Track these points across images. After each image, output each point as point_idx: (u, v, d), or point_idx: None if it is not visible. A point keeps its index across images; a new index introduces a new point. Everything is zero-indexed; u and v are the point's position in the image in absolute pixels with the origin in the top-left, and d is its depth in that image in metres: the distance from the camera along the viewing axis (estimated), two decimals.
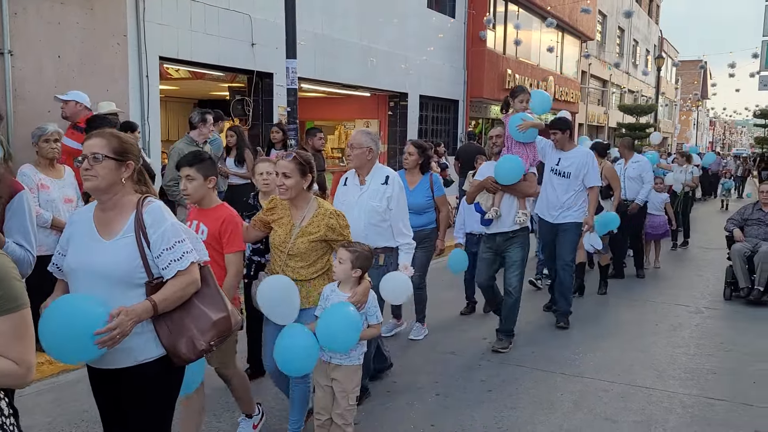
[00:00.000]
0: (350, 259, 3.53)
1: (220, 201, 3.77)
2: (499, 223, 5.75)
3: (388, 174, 4.50)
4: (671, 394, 4.95)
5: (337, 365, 3.60)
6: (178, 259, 2.52)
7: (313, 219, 3.66)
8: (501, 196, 5.73)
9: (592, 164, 6.52)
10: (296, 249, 3.63)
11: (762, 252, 7.72)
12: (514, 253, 5.78)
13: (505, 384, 5.12)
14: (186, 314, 2.56)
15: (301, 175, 3.60)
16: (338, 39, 13.15)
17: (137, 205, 2.56)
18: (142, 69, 9.04)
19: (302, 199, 3.70)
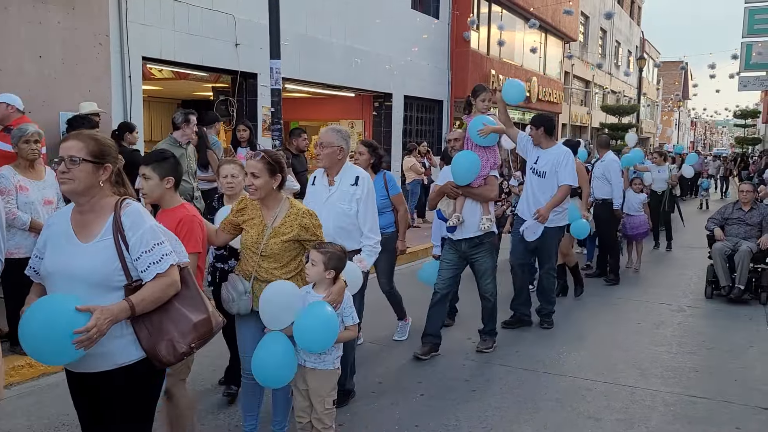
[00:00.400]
0: (323, 261, 3.48)
1: (181, 201, 3.64)
2: (463, 229, 5.53)
3: (358, 174, 4.37)
4: (654, 393, 5.00)
5: (311, 369, 3.55)
6: (157, 262, 2.51)
7: (285, 219, 3.59)
8: (462, 201, 5.51)
9: (566, 162, 6.30)
10: (269, 250, 3.57)
11: (742, 251, 7.81)
12: (482, 261, 5.63)
13: (489, 383, 5.14)
14: (166, 317, 2.54)
15: (270, 174, 3.52)
16: (322, 39, 13.14)
17: (115, 208, 2.54)
18: (125, 69, 9.00)
19: (273, 199, 3.63)
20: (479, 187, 5.50)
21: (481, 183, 5.49)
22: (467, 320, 6.88)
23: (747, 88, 28.86)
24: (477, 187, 5.48)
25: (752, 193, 8.30)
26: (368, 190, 4.35)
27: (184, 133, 6.27)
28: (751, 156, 31.49)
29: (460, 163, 5.40)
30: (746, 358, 5.87)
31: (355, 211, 4.29)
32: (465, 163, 5.39)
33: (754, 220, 8.12)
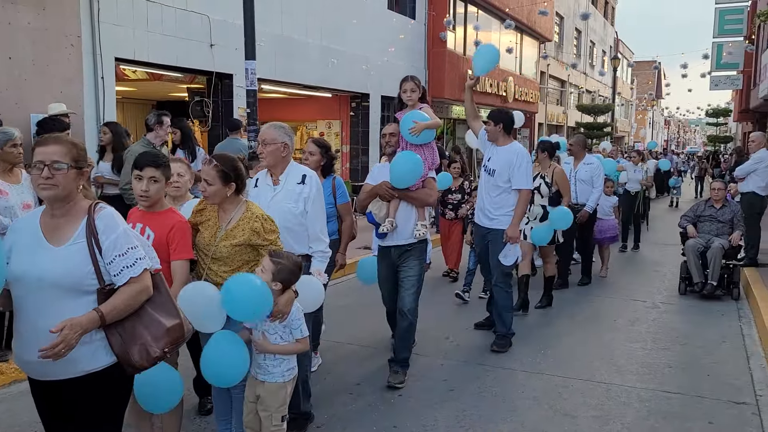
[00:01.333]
0: (272, 270, 3.33)
1: (169, 205, 3.64)
2: (395, 236, 4.98)
3: (305, 173, 4.12)
4: (629, 389, 5.05)
5: (261, 382, 3.47)
6: (131, 266, 2.49)
7: (239, 222, 3.51)
8: (397, 204, 4.95)
9: (521, 164, 5.73)
10: (219, 252, 3.49)
11: (714, 247, 7.93)
12: (408, 267, 5.03)
13: (467, 383, 5.16)
14: (138, 321, 2.53)
15: (223, 182, 3.46)
16: (298, 40, 13.10)
17: (89, 211, 2.52)
18: (97, 70, 8.91)
19: (230, 203, 3.57)
20: (417, 191, 4.94)
21: (419, 185, 4.94)
22: (445, 320, 6.92)
23: (718, 87, 29.40)
24: (415, 190, 4.93)
25: (724, 190, 8.43)
26: (316, 190, 4.11)
27: (157, 134, 6.20)
28: (723, 154, 31.96)
29: (402, 165, 4.81)
30: (719, 354, 5.96)
31: (301, 211, 4.03)
32: (407, 164, 4.81)
33: (725, 218, 8.24)
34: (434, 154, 5.06)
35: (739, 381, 5.27)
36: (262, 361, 3.46)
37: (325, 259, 4.17)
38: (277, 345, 3.45)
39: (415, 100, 4.98)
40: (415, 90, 4.96)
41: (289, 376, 3.51)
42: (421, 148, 4.96)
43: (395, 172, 4.80)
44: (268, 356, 3.45)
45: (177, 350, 2.70)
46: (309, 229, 4.09)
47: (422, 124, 4.82)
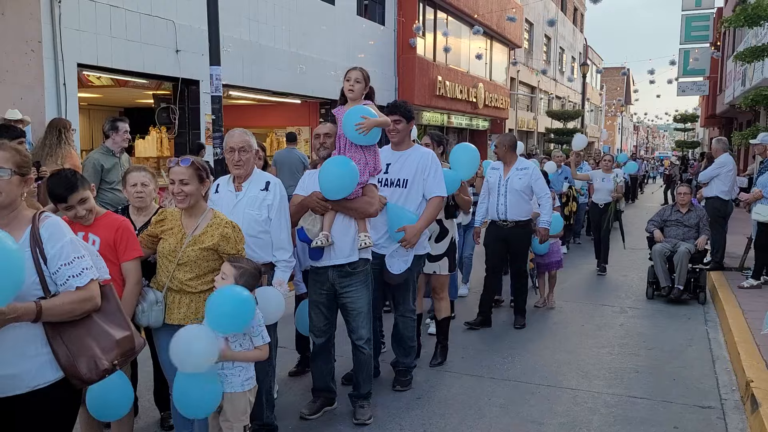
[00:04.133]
0: (234, 275, 3.32)
1: (105, 209, 3.58)
2: (332, 254, 4.26)
3: (268, 180, 4.00)
4: (596, 395, 5.04)
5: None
6: (77, 275, 2.42)
7: (207, 228, 3.48)
8: (332, 217, 4.25)
9: (436, 167, 4.88)
10: (186, 257, 3.43)
11: (681, 252, 8.00)
12: (355, 299, 4.36)
13: (434, 390, 5.10)
14: (86, 333, 2.45)
15: (199, 181, 3.44)
16: (266, 46, 13.01)
17: (33, 220, 2.43)
18: (59, 76, 8.73)
19: (198, 208, 3.52)
20: (355, 200, 4.25)
21: (358, 193, 4.26)
22: None
23: (685, 93, 29.92)
24: (352, 200, 4.24)
25: (689, 195, 8.52)
26: (281, 197, 3.98)
27: (114, 141, 6.04)
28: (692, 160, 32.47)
29: (332, 173, 4.12)
30: (685, 358, 5.99)
31: (265, 218, 3.91)
32: (339, 172, 4.11)
33: (691, 222, 8.33)
34: (377, 157, 4.39)
35: (705, 385, 5.30)
36: (221, 370, 3.39)
37: (288, 269, 4.06)
38: (238, 352, 3.38)
39: (359, 95, 4.32)
40: (360, 81, 4.31)
41: (249, 386, 3.44)
42: (362, 150, 4.26)
43: (325, 181, 4.12)
44: (226, 365, 3.38)
45: (128, 362, 2.60)
46: (273, 237, 3.97)
47: (372, 120, 4.15)
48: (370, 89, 4.42)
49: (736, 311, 7.04)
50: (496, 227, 6.78)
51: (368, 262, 4.46)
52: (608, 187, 10.27)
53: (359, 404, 4.56)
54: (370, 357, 4.56)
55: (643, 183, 27.81)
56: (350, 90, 4.32)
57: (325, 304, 4.45)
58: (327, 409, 4.65)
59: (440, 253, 5.45)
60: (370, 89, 4.42)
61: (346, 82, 4.35)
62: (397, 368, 5.21)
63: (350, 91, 4.32)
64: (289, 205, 4.20)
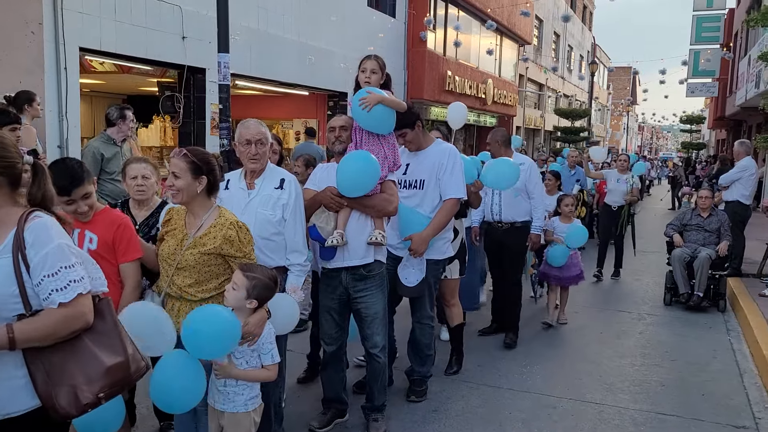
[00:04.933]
0: (246, 287, 2.97)
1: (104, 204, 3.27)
2: (345, 254, 3.97)
3: (283, 177, 3.67)
4: (622, 410, 4.75)
5: (221, 411, 3.09)
6: (61, 289, 2.03)
7: (210, 229, 3.10)
8: (347, 214, 3.94)
9: (456, 165, 4.51)
10: (185, 261, 3.08)
11: (701, 257, 7.70)
12: (370, 304, 4.06)
13: (450, 401, 4.81)
14: (71, 357, 2.07)
15: (193, 175, 3.06)
16: (275, 35, 12.68)
17: (19, 221, 2.06)
18: (60, 60, 8.39)
19: (200, 206, 3.16)
20: (373, 197, 3.94)
21: (376, 189, 3.95)
22: None
23: (695, 95, 29.59)
24: (370, 196, 3.93)
25: (711, 199, 8.21)
26: (296, 196, 3.66)
27: (120, 129, 5.75)
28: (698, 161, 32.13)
29: (351, 168, 3.80)
30: (711, 371, 5.70)
31: (279, 219, 3.58)
32: (358, 167, 3.79)
33: (712, 227, 8.02)
34: (396, 152, 4.10)
35: (735, 401, 5.01)
36: (223, 387, 3.07)
37: (303, 273, 3.72)
38: (243, 370, 3.06)
39: (375, 85, 4.04)
40: (376, 71, 4.03)
41: (252, 405, 3.11)
42: (380, 143, 4.00)
43: (343, 177, 3.79)
44: (229, 382, 3.06)
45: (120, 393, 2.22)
46: (287, 239, 3.64)
47: (377, 95, 3.84)
48: (386, 77, 4.14)
49: (760, 321, 6.75)
50: (490, 229, 6.22)
51: (383, 265, 4.16)
52: (622, 189, 9.49)
53: (373, 417, 4.27)
54: (385, 366, 4.25)
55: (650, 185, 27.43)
56: (367, 81, 4.03)
57: (336, 309, 4.14)
58: (338, 421, 4.36)
59: (451, 256, 5.05)
60: (386, 77, 4.14)
61: (361, 73, 4.06)
62: (412, 377, 4.90)
63: (367, 83, 4.03)
64: None
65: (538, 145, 31.80)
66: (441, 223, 4.44)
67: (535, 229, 6.10)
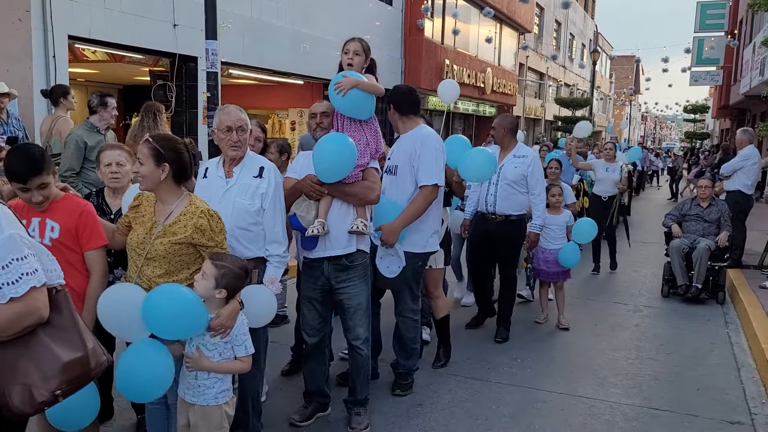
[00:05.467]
0: (214, 276, 2.88)
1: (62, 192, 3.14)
2: (327, 244, 3.85)
3: (262, 165, 3.57)
4: (613, 405, 4.63)
5: (191, 404, 2.98)
6: (12, 283, 1.94)
7: (180, 217, 3.01)
8: (329, 203, 3.82)
9: (428, 150, 4.31)
10: (154, 251, 2.99)
11: (700, 248, 7.55)
12: (352, 294, 3.96)
13: (436, 395, 4.69)
14: (25, 353, 1.97)
15: (155, 162, 2.96)
16: (268, 23, 12.50)
17: None
18: (48, 48, 8.24)
19: (169, 193, 3.05)
20: (354, 184, 3.84)
21: (358, 177, 3.86)
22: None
23: (698, 83, 29.33)
24: (351, 184, 3.83)
25: (711, 188, 8.05)
26: (275, 185, 3.55)
27: (101, 117, 5.63)
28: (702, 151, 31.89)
29: (328, 152, 3.69)
30: (707, 364, 5.57)
31: (257, 209, 3.49)
32: (334, 149, 3.68)
33: (712, 217, 7.87)
34: (378, 138, 3.99)
35: (731, 396, 4.88)
36: (193, 380, 2.97)
37: (282, 264, 3.62)
38: (215, 362, 2.95)
39: (359, 68, 3.91)
40: (359, 53, 3.91)
41: (224, 399, 3.00)
42: (362, 129, 3.89)
43: (320, 161, 3.67)
44: (201, 375, 2.95)
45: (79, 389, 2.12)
46: (266, 229, 3.54)
47: (352, 79, 3.73)
48: (371, 62, 4.02)
49: (760, 313, 6.62)
50: (483, 220, 5.86)
51: (367, 255, 4.04)
52: (613, 178, 9.11)
53: (355, 411, 4.16)
54: (367, 359, 4.13)
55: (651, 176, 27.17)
56: (349, 63, 3.91)
57: (319, 300, 4.04)
58: (320, 415, 4.25)
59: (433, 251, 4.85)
60: (371, 62, 4.02)
61: (344, 55, 3.94)
62: (398, 371, 4.78)
63: (349, 65, 3.90)
64: None
65: (539, 135, 31.57)
66: (413, 212, 4.28)
67: (535, 227, 5.85)
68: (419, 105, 4.67)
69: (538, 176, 5.76)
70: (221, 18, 10.88)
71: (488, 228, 5.81)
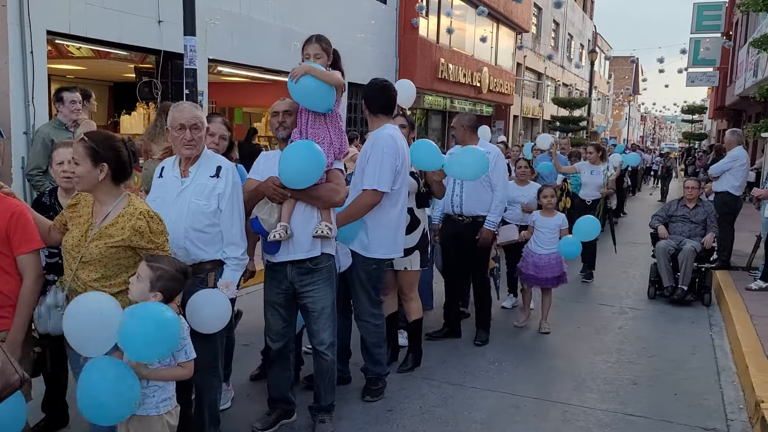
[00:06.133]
0: (149, 278, 2.77)
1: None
2: (290, 247, 3.74)
3: (220, 164, 3.44)
4: (588, 411, 4.51)
5: (131, 414, 2.83)
6: None
7: (117, 219, 2.90)
8: (292, 206, 3.71)
9: (375, 152, 4.20)
10: (90, 254, 2.86)
11: (686, 250, 7.43)
12: (317, 299, 3.83)
13: (408, 401, 4.58)
14: None
15: (92, 162, 2.83)
16: (257, 20, 12.39)
17: None
18: (26, 44, 8.12)
19: (107, 194, 2.93)
20: (319, 186, 3.71)
21: (322, 180, 3.72)
22: None
23: (695, 84, 29.21)
24: (315, 186, 3.68)
25: (697, 189, 7.93)
26: (233, 185, 3.42)
27: (62, 113, 5.46)
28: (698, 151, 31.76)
29: (294, 159, 3.54)
30: (688, 368, 5.46)
31: (214, 210, 3.36)
32: (302, 157, 3.54)
33: (698, 218, 7.75)
34: (342, 137, 3.88)
35: (709, 401, 4.77)
36: None
37: (240, 267, 3.51)
38: (156, 370, 2.83)
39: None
40: (320, 55, 3.74)
41: (165, 408, 2.87)
42: (326, 128, 3.78)
43: (286, 169, 3.55)
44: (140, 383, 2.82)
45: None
46: (223, 231, 3.42)
47: (305, 66, 3.62)
48: (335, 56, 3.88)
49: (744, 316, 6.52)
50: (451, 223, 5.65)
51: (332, 258, 3.93)
52: (597, 182, 8.82)
53: (320, 418, 4.04)
54: (332, 364, 4.01)
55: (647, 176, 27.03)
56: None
57: (282, 304, 3.93)
58: (284, 422, 4.12)
59: (411, 246, 4.79)
60: (335, 56, 3.88)
61: (305, 59, 3.79)
62: (367, 375, 4.67)
63: None
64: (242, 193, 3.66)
65: (536, 135, 31.43)
66: (348, 214, 4.17)
67: (489, 224, 5.53)
68: (393, 104, 4.57)
69: (500, 173, 5.58)
70: (209, 15, 10.80)
71: (457, 231, 5.63)
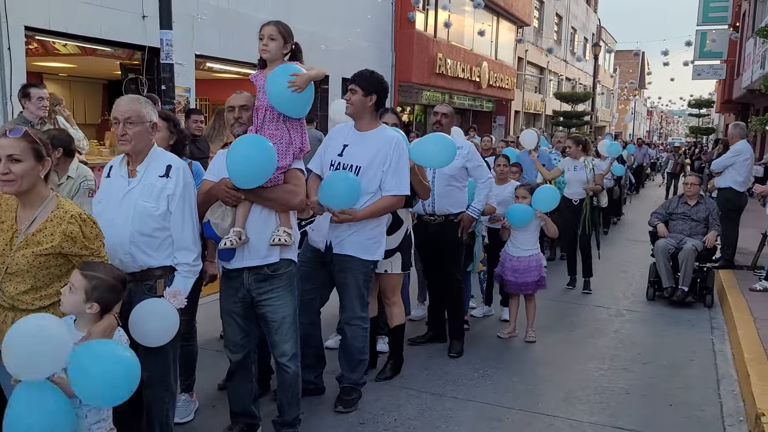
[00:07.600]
0: (84, 289, 2.52)
1: None
2: (245, 253, 3.48)
3: (170, 163, 3.19)
4: (574, 424, 4.22)
5: None
6: None
7: (45, 224, 2.63)
8: (246, 209, 3.45)
9: (403, 158, 4.15)
10: (15, 265, 2.61)
11: (687, 249, 7.12)
12: (276, 308, 3.57)
13: (383, 413, 4.29)
14: None
15: (35, 159, 2.59)
16: (245, 14, 12.12)
17: None
18: (3, 40, 7.91)
19: (36, 196, 2.66)
20: (275, 188, 3.48)
21: (279, 180, 3.50)
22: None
23: (701, 77, 28.77)
24: (271, 187, 3.46)
25: (698, 186, 7.61)
26: (184, 185, 3.17)
27: (29, 110, 5.23)
28: (705, 146, 31.33)
29: (242, 155, 3.29)
30: (686, 376, 5.15)
31: (163, 212, 3.11)
32: (250, 153, 3.29)
33: (700, 216, 7.43)
34: (304, 135, 3.60)
35: (707, 413, 4.47)
36: None
37: (192, 274, 3.25)
38: None
39: (277, 55, 3.49)
40: (275, 38, 3.46)
41: (99, 430, 2.61)
42: (285, 127, 3.50)
43: (233, 167, 3.29)
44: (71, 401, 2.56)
45: None
46: (174, 235, 3.18)
47: (306, 74, 3.35)
48: (295, 47, 3.58)
49: (746, 319, 6.20)
50: (422, 224, 5.28)
51: (292, 264, 3.66)
52: (579, 178, 7.78)
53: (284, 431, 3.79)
54: (296, 376, 3.73)
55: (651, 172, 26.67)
56: (264, 50, 3.51)
57: (240, 314, 3.66)
58: None
59: (392, 248, 4.53)
60: (295, 47, 3.58)
61: (259, 41, 3.53)
62: (342, 384, 4.39)
63: (264, 51, 3.51)
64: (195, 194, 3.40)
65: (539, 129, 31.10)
66: (375, 211, 4.12)
67: (472, 210, 5.26)
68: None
69: (479, 163, 5.31)
70: (196, 9, 10.55)
71: (428, 232, 5.25)
